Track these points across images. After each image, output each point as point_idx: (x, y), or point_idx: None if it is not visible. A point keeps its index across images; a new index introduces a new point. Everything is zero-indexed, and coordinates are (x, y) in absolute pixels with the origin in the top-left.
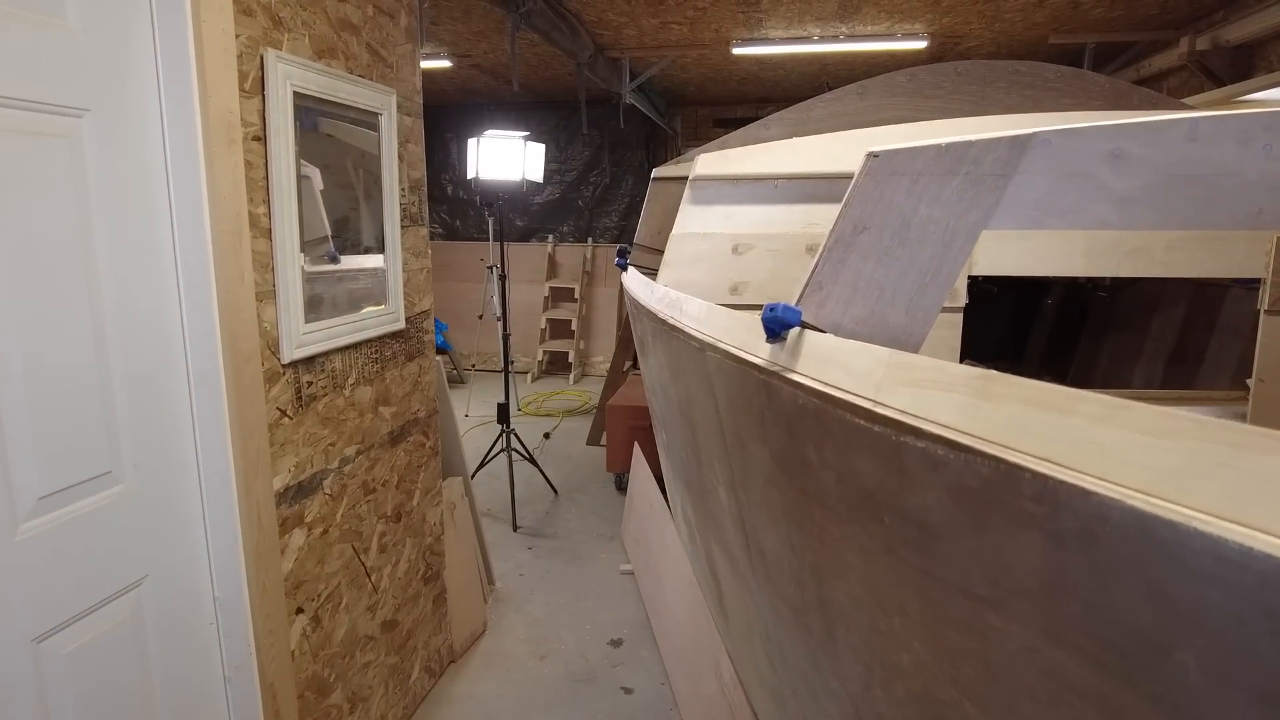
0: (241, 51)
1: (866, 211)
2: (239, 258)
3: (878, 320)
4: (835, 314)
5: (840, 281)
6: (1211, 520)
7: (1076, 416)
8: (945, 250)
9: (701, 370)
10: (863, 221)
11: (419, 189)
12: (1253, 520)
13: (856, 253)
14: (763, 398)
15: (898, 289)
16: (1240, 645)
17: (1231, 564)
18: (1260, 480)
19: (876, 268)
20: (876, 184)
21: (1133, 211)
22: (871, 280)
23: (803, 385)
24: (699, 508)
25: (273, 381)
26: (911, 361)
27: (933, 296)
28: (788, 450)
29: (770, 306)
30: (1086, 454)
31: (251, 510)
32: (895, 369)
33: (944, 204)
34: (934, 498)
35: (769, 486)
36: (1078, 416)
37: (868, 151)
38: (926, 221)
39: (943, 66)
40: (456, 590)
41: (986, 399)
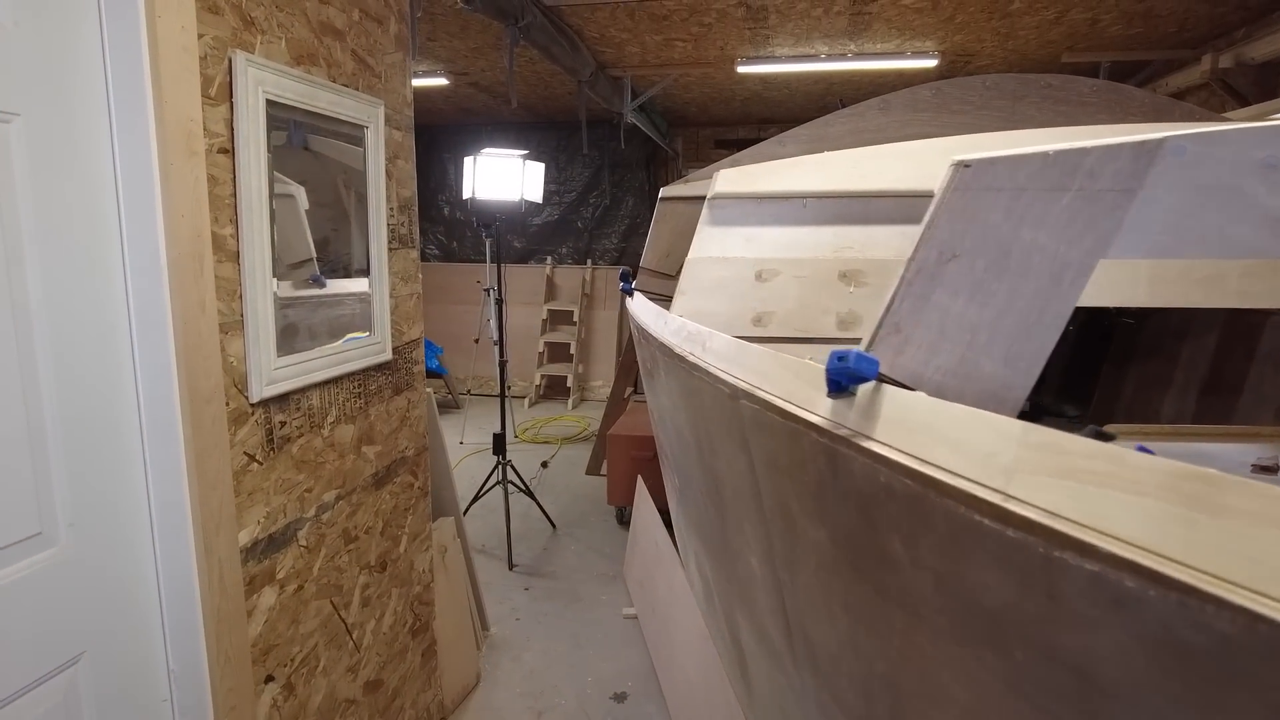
0: (206, 53)
1: (955, 235)
2: (200, 284)
3: (968, 371)
4: (916, 363)
5: (923, 323)
6: None
7: None
8: (1054, 284)
9: (731, 420)
10: (951, 247)
11: (409, 208)
12: None
13: (943, 286)
14: (823, 466)
15: (994, 332)
16: None
17: None
18: None
19: (968, 305)
20: (968, 201)
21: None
22: (961, 321)
23: (887, 459)
24: (720, 568)
25: (239, 423)
26: (1063, 443)
27: (1038, 342)
28: (858, 535)
29: (839, 354)
30: None
31: (213, 571)
32: (1036, 452)
33: (1052, 227)
34: (1114, 643)
35: (826, 573)
36: None
37: (957, 161)
38: (1030, 248)
39: (970, 80)
40: (447, 641)
41: (1214, 514)
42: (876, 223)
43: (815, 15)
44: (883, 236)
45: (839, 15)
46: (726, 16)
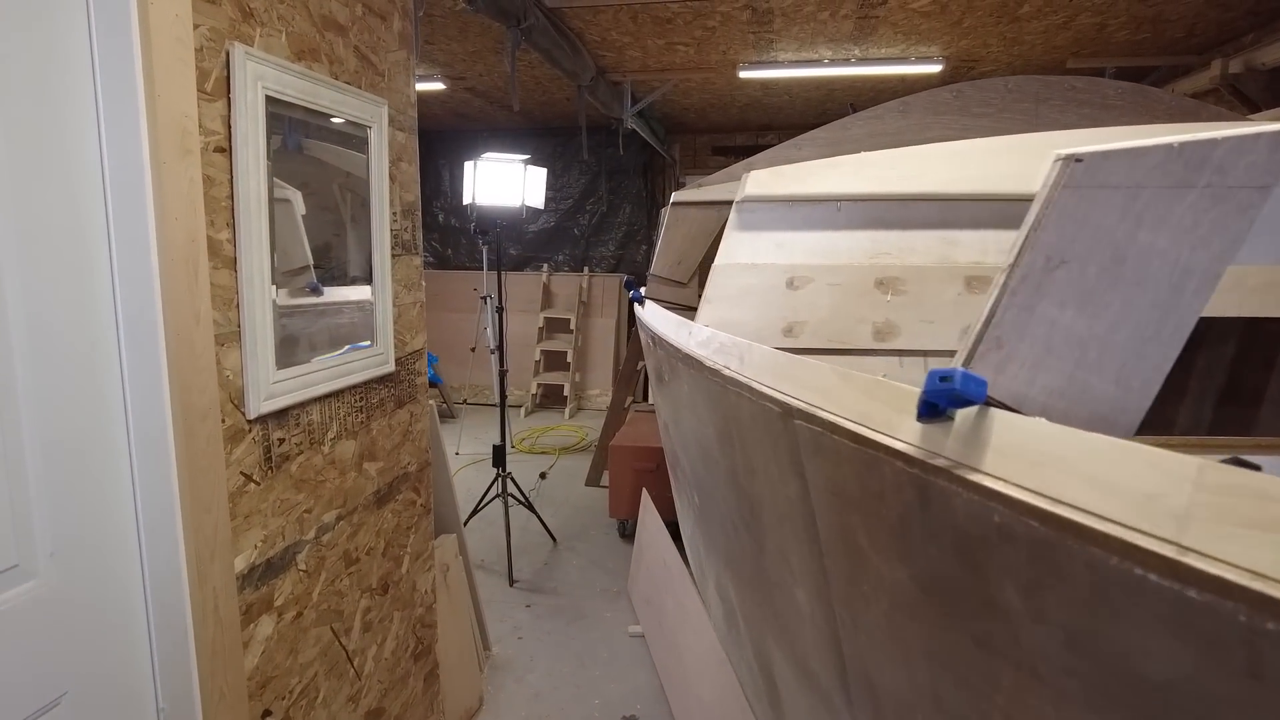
0: (202, 45)
1: (1064, 239)
2: (194, 292)
3: (1078, 391)
4: (1019, 382)
5: (1027, 337)
6: None
7: None
8: (1175, 294)
9: (780, 441)
10: (1059, 252)
11: (412, 213)
12: None
13: (1050, 296)
14: (910, 499)
15: (1107, 347)
16: None
17: None
18: None
19: (1078, 317)
20: (1079, 200)
21: None
22: (1070, 335)
23: (1003, 495)
24: (751, 596)
25: (236, 441)
26: (1261, 486)
27: (1155, 359)
28: (956, 579)
29: (942, 372)
30: None
31: (206, 601)
32: (1220, 495)
33: (1174, 228)
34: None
35: (903, 616)
36: None
37: (1065, 155)
38: (1148, 253)
39: (992, 82)
40: (450, 664)
41: None
42: (915, 228)
43: (822, 18)
44: (922, 243)
45: (845, 19)
46: (731, 19)
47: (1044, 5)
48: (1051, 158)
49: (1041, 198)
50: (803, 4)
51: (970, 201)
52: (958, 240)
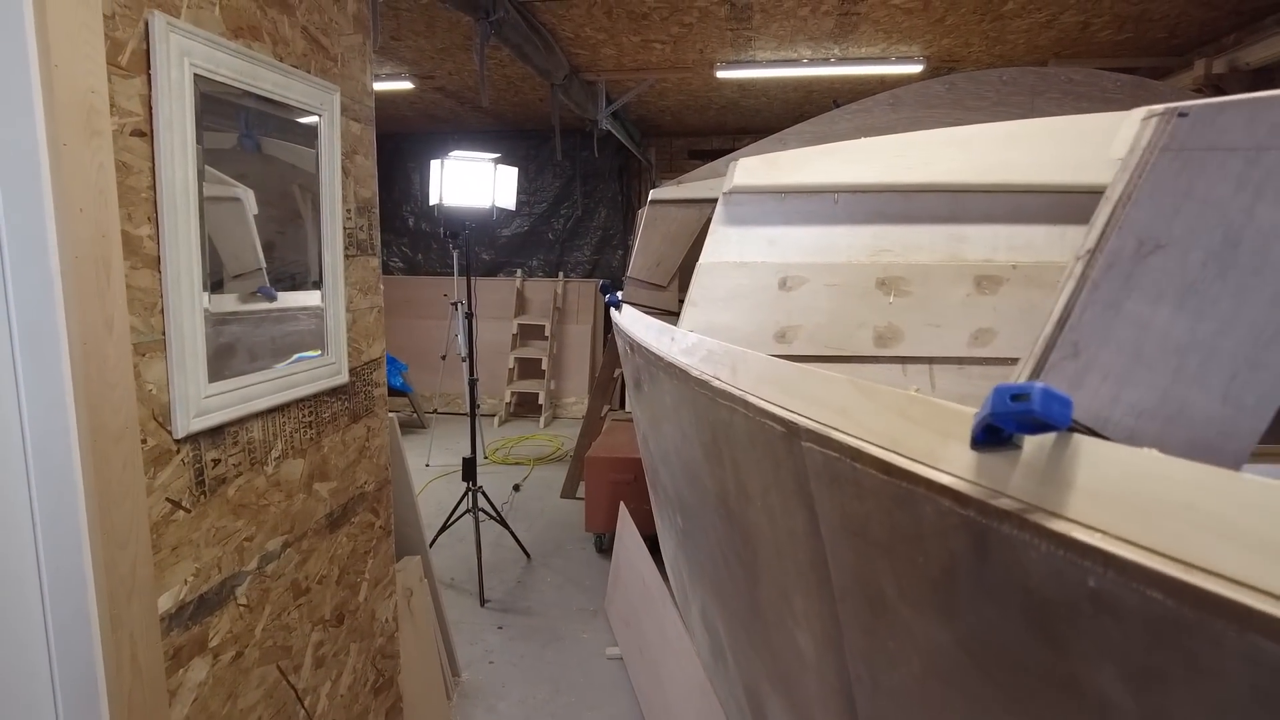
0: (114, 11)
1: (1162, 217)
2: (106, 296)
3: (1175, 409)
4: (1100, 400)
5: (1112, 341)
6: None
7: None
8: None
9: (783, 465)
10: (1155, 234)
11: (369, 211)
12: None
13: (1141, 291)
14: (961, 547)
15: (1213, 355)
16: None
17: None
18: None
19: (1177, 317)
20: (1183, 166)
21: None
22: (1166, 339)
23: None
24: (742, 633)
25: (160, 464)
26: None
27: (1276, 369)
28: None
29: (1011, 389)
30: None
31: (122, 647)
32: None
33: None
34: None
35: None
36: None
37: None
38: (1271, 234)
39: (986, 74)
40: (414, 696)
41: None
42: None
43: (802, 15)
44: (927, 238)
45: (826, 15)
46: (709, 16)
47: (1028, 3)
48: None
49: (1130, 165)
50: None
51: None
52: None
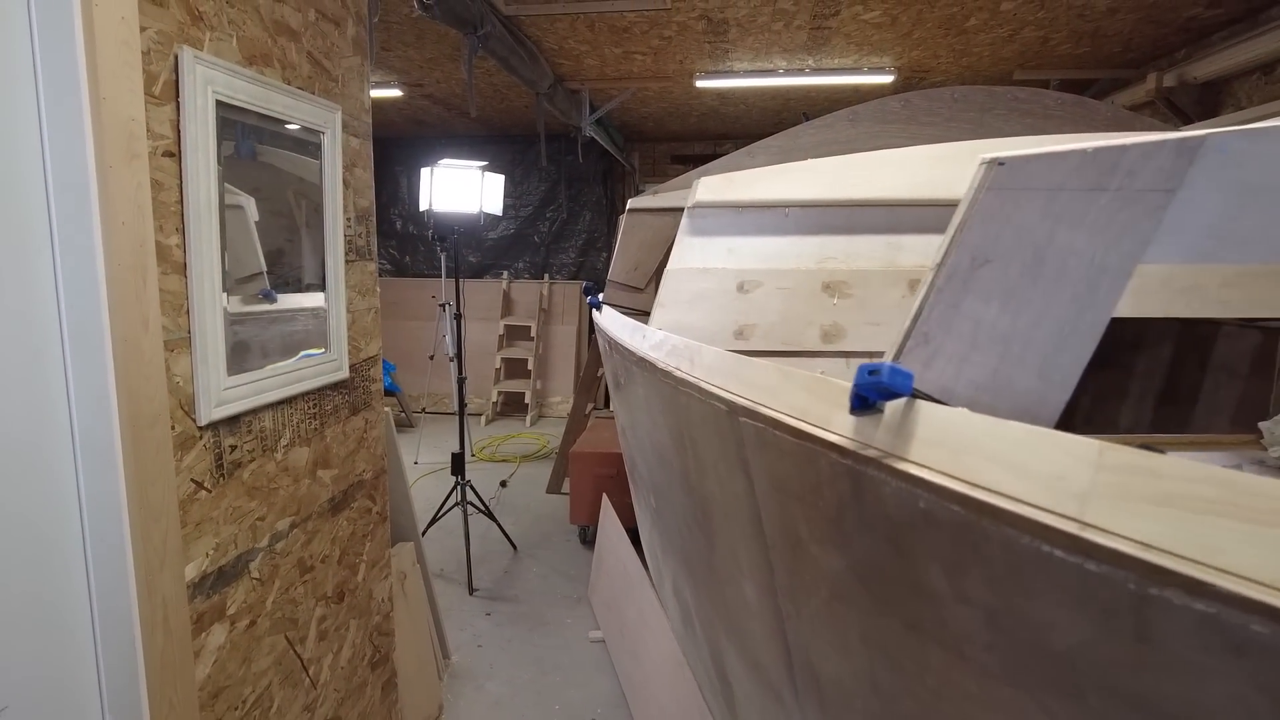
0: (149, 48)
1: (989, 238)
2: (143, 298)
3: (1002, 385)
4: (945, 376)
5: (953, 332)
6: None
7: None
8: (1090, 291)
9: (728, 439)
10: (984, 251)
11: (367, 219)
12: None
13: (975, 294)
14: (844, 490)
15: (1029, 342)
16: None
17: None
18: None
19: (1001, 313)
20: (1002, 202)
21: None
22: (994, 330)
23: (927, 482)
24: (705, 595)
25: (186, 448)
26: (1154, 465)
27: (1075, 352)
28: (887, 565)
29: (870, 367)
30: None
31: (155, 610)
32: (1120, 475)
33: (1089, 229)
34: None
35: (841, 604)
36: None
37: (989, 158)
38: (1066, 252)
39: (939, 92)
40: (408, 673)
41: None
42: (861, 233)
43: (776, 29)
44: (866, 247)
45: (799, 30)
46: (687, 29)
47: (989, 19)
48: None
49: (967, 199)
50: (756, 15)
51: (915, 207)
52: (902, 245)
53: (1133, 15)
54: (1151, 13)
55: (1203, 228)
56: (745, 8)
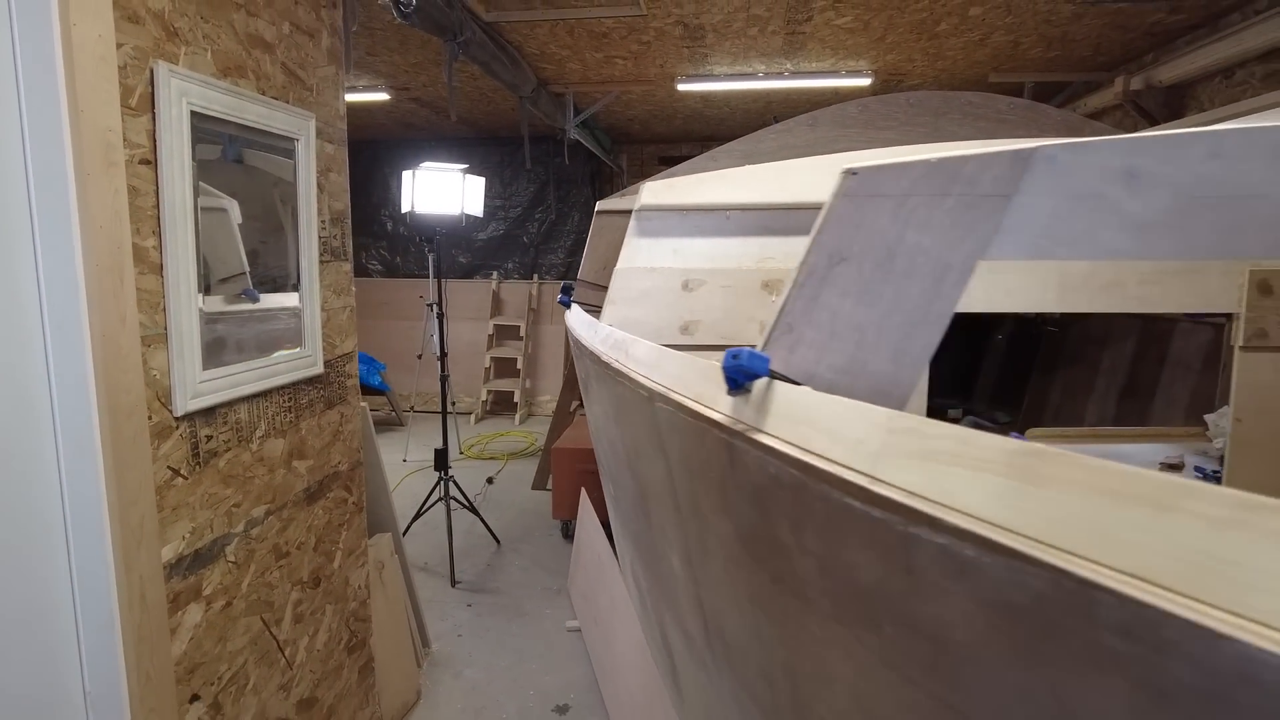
0: (126, 63)
1: (844, 239)
2: (120, 297)
3: (859, 369)
4: (808, 361)
5: (814, 323)
6: None
7: (1184, 516)
8: (937, 285)
9: (650, 423)
10: (840, 251)
11: (342, 221)
12: None
13: (832, 288)
14: (724, 461)
15: (882, 331)
16: None
17: None
18: None
19: (857, 306)
20: (856, 207)
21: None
22: (851, 321)
23: (775, 450)
24: (650, 572)
25: (163, 437)
26: (922, 427)
27: (923, 340)
28: (756, 527)
29: (733, 352)
30: (1206, 576)
31: (133, 587)
32: (899, 436)
33: (935, 230)
34: (959, 610)
35: (733, 566)
36: (1186, 516)
37: (845, 169)
38: (915, 251)
39: (895, 97)
40: (386, 658)
41: (1037, 483)
42: (797, 234)
43: (751, 34)
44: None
45: (774, 35)
46: (665, 35)
47: (959, 23)
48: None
49: (826, 205)
50: (731, 20)
51: None
52: None
53: (1098, 21)
54: (1116, 18)
55: (1037, 229)
56: (719, 14)
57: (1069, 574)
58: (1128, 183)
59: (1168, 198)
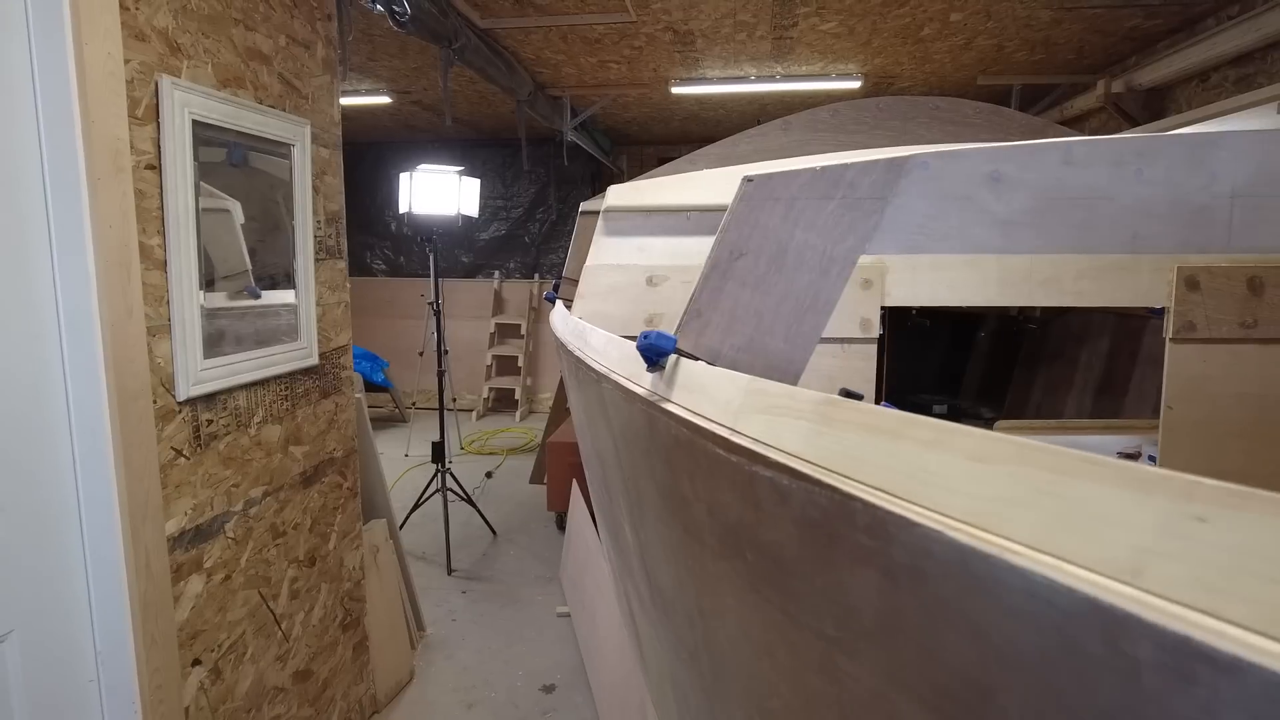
0: (133, 77)
1: (743, 237)
2: (127, 291)
3: (757, 348)
4: (715, 342)
5: (719, 309)
6: (1024, 552)
7: (906, 441)
8: (823, 276)
9: (601, 402)
10: (739, 247)
11: (336, 221)
12: (1066, 552)
13: (734, 279)
14: (646, 428)
15: (776, 316)
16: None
17: (1040, 599)
18: (1075, 508)
19: (754, 295)
20: (752, 209)
21: (1014, 235)
22: (749, 307)
23: (675, 415)
24: (614, 545)
25: (167, 420)
26: (766, 388)
27: (811, 324)
28: (669, 483)
29: (645, 334)
30: (915, 482)
31: (139, 557)
32: (752, 396)
33: (821, 229)
34: (785, 532)
35: (658, 522)
36: (907, 441)
37: (743, 177)
38: (803, 247)
39: (865, 102)
40: (380, 637)
41: (828, 425)
42: None
43: (740, 39)
44: None
45: (762, 40)
46: (656, 40)
47: (942, 28)
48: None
49: (729, 208)
50: (719, 26)
51: None
52: None
53: (1077, 25)
54: (1095, 23)
55: (912, 227)
56: (707, 20)
57: (837, 490)
58: (993, 186)
59: (1028, 199)
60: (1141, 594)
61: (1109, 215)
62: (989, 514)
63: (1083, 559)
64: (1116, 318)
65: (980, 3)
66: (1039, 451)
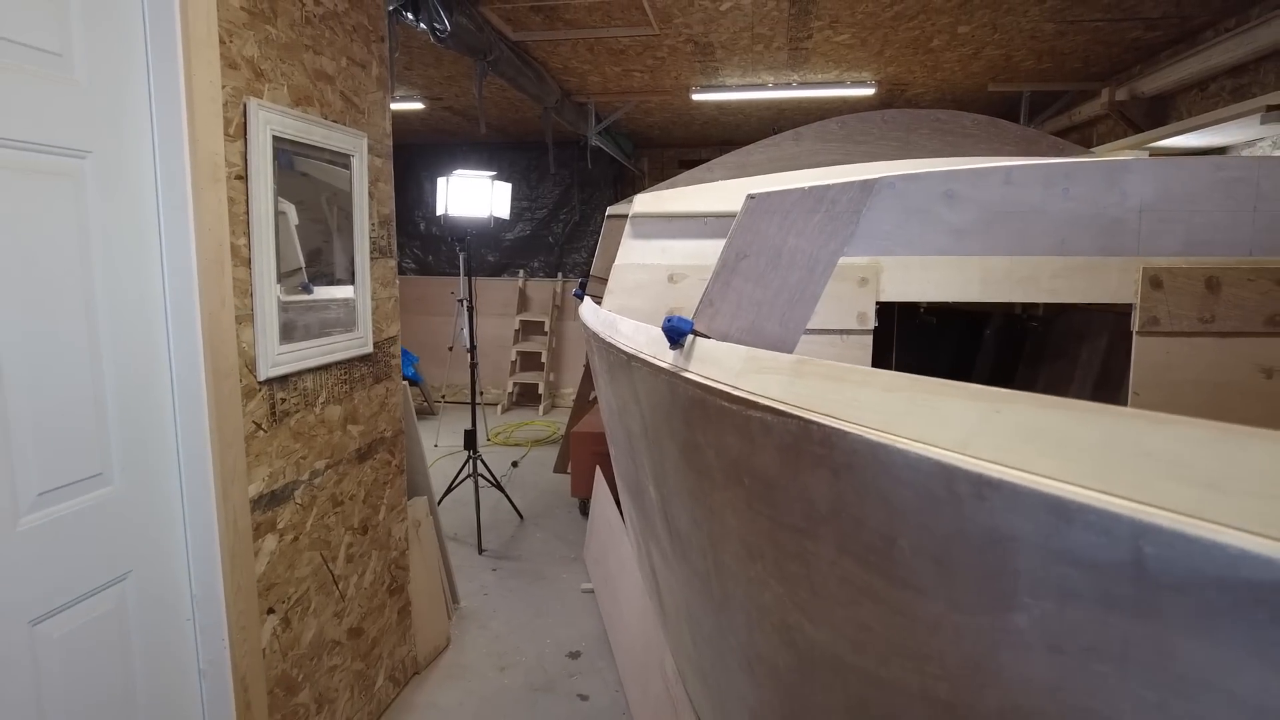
0: (226, 100)
1: (746, 243)
2: (221, 284)
3: (758, 331)
4: (724, 325)
5: (727, 299)
6: (908, 443)
7: (846, 384)
8: (809, 274)
9: (630, 379)
10: (743, 251)
11: (388, 224)
12: (930, 439)
13: (740, 276)
14: (668, 395)
15: (772, 305)
16: (925, 527)
17: (916, 469)
18: (937, 413)
19: (755, 288)
20: (754, 220)
21: (966, 241)
22: (751, 298)
23: (692, 380)
24: (638, 509)
25: (249, 397)
26: (759, 355)
27: (800, 312)
28: (686, 437)
29: (668, 318)
30: (850, 408)
31: (228, 514)
32: (749, 361)
33: (808, 236)
34: (769, 456)
35: (677, 473)
36: (847, 384)
37: (747, 194)
38: (794, 251)
39: (871, 115)
40: (421, 604)
41: (800, 377)
42: None
43: (757, 50)
44: None
45: (779, 50)
46: (677, 51)
47: (951, 40)
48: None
49: (736, 218)
50: (738, 38)
51: None
52: None
53: (1082, 37)
54: (1097, 35)
55: (882, 235)
56: (726, 32)
57: (801, 418)
58: (948, 201)
59: (976, 212)
60: (964, 457)
61: (1041, 225)
62: (891, 423)
63: (939, 442)
64: (1115, 317)
65: (987, 16)
66: (922, 382)
